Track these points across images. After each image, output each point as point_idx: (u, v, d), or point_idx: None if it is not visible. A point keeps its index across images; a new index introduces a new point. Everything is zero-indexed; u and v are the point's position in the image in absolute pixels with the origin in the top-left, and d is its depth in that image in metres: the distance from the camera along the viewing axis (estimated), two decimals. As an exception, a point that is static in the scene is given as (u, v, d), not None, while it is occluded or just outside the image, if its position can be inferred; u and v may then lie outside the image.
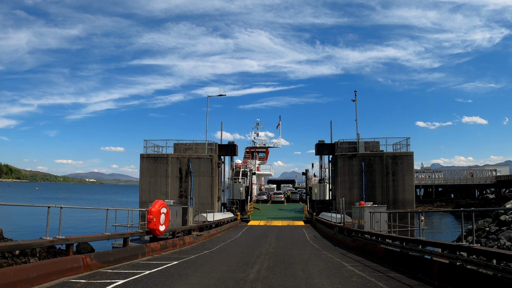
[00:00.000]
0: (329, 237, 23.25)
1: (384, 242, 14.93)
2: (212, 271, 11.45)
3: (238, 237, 23.27)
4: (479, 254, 9.28)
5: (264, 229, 29.74)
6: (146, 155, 38.70)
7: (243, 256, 14.82)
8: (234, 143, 39.45)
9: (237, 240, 21.79)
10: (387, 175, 37.28)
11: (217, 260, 13.80)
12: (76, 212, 52.67)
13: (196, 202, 37.65)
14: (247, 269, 11.66)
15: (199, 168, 37.87)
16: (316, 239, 22.45)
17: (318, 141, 39.45)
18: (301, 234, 25.56)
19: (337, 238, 20.91)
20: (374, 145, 39.52)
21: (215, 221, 25.53)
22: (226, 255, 15.49)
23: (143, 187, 38.76)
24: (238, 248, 17.50)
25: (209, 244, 19.53)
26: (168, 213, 16.32)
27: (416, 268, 11.11)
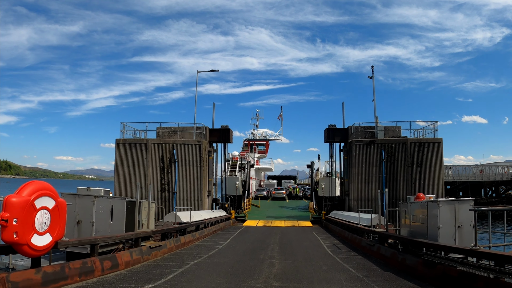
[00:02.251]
0: (359, 247, 14.07)
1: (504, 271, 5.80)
2: None
3: (223, 249, 14.04)
4: None
5: (262, 232, 20.53)
6: (122, 141, 29.58)
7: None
8: (227, 127, 30.15)
9: (219, 255, 12.54)
10: (411, 165, 28.05)
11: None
12: None
13: (181, 198, 28.52)
14: None
15: (185, 156, 28.70)
16: (341, 253, 13.27)
17: (328, 125, 30.31)
18: (315, 242, 16.37)
19: (381, 254, 11.65)
20: (394, 131, 30.29)
21: (193, 223, 16.26)
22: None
23: (118, 178, 29.58)
24: (209, 280, 8.23)
25: (161, 267, 10.24)
26: (58, 211, 7.04)
27: None
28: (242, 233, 20.75)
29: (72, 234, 10.05)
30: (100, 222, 10.39)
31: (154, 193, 28.90)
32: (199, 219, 18.79)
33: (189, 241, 15.31)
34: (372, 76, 30.88)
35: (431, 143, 28.85)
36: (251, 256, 12.40)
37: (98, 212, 10.26)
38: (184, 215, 17.19)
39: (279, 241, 17.00)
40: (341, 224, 20.66)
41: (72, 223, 10.08)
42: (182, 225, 15.74)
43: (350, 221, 19.24)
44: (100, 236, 9.61)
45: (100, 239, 9.40)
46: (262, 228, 24.40)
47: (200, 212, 21.16)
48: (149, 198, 13.07)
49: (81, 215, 10.17)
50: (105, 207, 10.68)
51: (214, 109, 31.79)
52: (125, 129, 30.70)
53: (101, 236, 9.62)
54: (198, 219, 18.60)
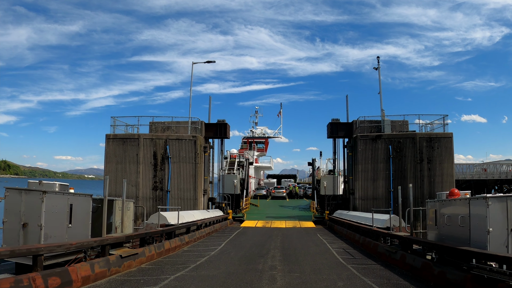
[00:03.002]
0: (375, 254, 11.63)
1: None
2: None
3: (215, 256, 11.52)
4: None
5: (262, 234, 18.06)
6: (112, 136, 27.09)
7: None
8: (224, 121, 27.66)
9: (208, 264, 10.06)
10: (421, 162, 25.59)
11: None
12: None
13: (175, 196, 26.03)
14: None
15: (179, 152, 26.22)
16: (355, 261, 10.82)
17: (332, 119, 27.83)
18: (322, 247, 13.90)
19: (408, 264, 9.27)
20: (401, 125, 27.77)
21: (182, 225, 13.73)
22: None
23: (108, 176, 26.71)
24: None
25: (131, 283, 7.76)
26: None
27: None
28: (239, 235, 18.26)
29: (16, 240, 7.57)
30: (53, 225, 7.94)
31: (146, 192, 26.48)
32: (190, 220, 16.29)
33: (176, 247, 12.82)
34: (378, 67, 28.43)
35: (441, 138, 26.42)
36: (247, 267, 9.93)
37: (49, 213, 7.80)
38: (171, 215, 14.70)
39: (281, 245, 14.52)
40: (348, 225, 18.18)
41: (17, 226, 7.60)
42: (168, 227, 13.25)
43: (360, 222, 16.76)
44: (45, 244, 7.12)
45: (45, 248, 6.91)
46: (262, 229, 21.92)
47: (193, 212, 18.68)
48: (123, 195, 10.55)
49: (27, 216, 7.71)
50: (61, 206, 8.21)
51: (211, 103, 29.32)
52: (116, 123, 28.21)
53: (46, 244, 7.14)
54: (189, 220, 16.11)
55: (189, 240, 14.47)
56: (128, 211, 11.28)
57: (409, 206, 14.12)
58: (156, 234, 11.92)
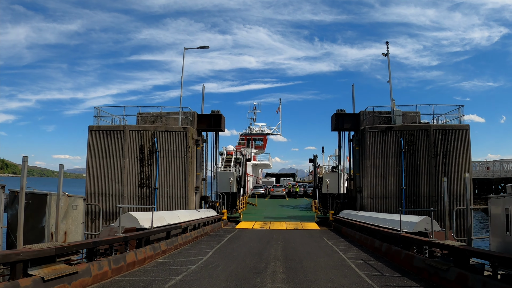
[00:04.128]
0: (410, 268, 8.28)
1: None
2: None
3: (194, 273, 8.24)
4: None
5: (259, 238, 14.69)
6: (96, 128, 23.63)
7: None
8: (219, 112, 24.28)
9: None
10: (435, 156, 22.26)
11: None
12: None
13: (163, 195, 22.65)
14: None
15: (169, 145, 22.83)
16: (387, 281, 7.75)
17: (337, 110, 24.55)
18: (334, 256, 10.64)
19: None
20: (413, 117, 24.42)
21: (158, 229, 10.30)
22: None
23: (91, 172, 23.60)
24: None
25: None
26: None
27: None
28: (233, 240, 14.86)
29: None
30: None
31: (131, 189, 23.10)
32: (172, 223, 12.91)
33: (146, 258, 9.41)
34: (387, 53, 25.11)
35: (457, 130, 23.16)
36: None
37: None
38: (145, 217, 11.27)
39: (282, 254, 11.15)
40: (361, 227, 14.84)
41: None
42: (135, 233, 9.82)
43: (378, 224, 13.36)
44: None
45: None
46: (259, 231, 18.54)
47: (178, 212, 15.29)
48: (59, 189, 7.08)
49: None
50: None
51: (204, 92, 25.94)
52: (101, 114, 24.83)
53: None
54: (170, 223, 12.73)
55: (167, 248, 11.05)
56: (74, 211, 7.89)
57: (443, 205, 10.85)
58: (115, 242, 8.52)
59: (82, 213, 8.44)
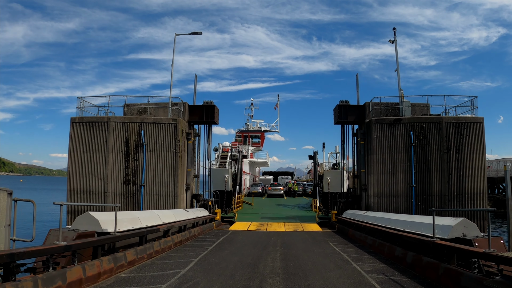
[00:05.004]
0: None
1: None
2: None
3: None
4: None
5: (255, 242, 12.14)
6: (78, 119, 21.06)
7: None
8: (212, 102, 21.76)
9: None
10: (447, 151, 19.80)
11: None
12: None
13: (150, 192, 20.13)
14: None
15: (157, 138, 20.28)
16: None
17: (340, 101, 22.09)
18: (347, 268, 8.31)
19: None
20: (422, 109, 21.99)
21: (124, 234, 7.71)
22: None
23: (73, 167, 21.02)
24: None
25: None
26: None
27: None
28: (224, 245, 12.33)
29: None
30: None
31: (115, 186, 20.60)
32: (149, 225, 10.35)
33: (101, 273, 6.89)
34: (394, 40, 22.68)
35: (471, 123, 20.77)
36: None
37: None
38: (111, 218, 8.70)
39: (282, 265, 8.66)
40: (371, 230, 12.39)
41: None
42: (85, 240, 7.28)
43: (396, 227, 10.86)
44: None
45: None
46: (255, 234, 16.04)
47: (160, 212, 12.75)
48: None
49: None
50: None
51: (196, 82, 23.42)
52: (84, 105, 22.33)
53: None
54: (146, 225, 10.17)
55: (137, 257, 8.53)
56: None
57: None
58: (52, 253, 6.00)
59: (6, 212, 5.93)
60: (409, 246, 9.32)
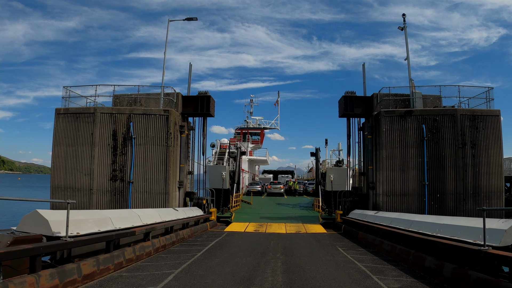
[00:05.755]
0: None
1: None
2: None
3: None
4: None
5: (251, 247, 10.06)
6: (63, 110, 19.07)
7: None
8: (207, 93, 19.73)
9: None
10: (463, 146, 17.79)
11: None
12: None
13: (139, 190, 18.11)
14: None
15: (147, 131, 18.23)
16: None
17: (346, 92, 20.08)
18: (367, 286, 5.53)
19: None
20: (433, 101, 19.97)
21: (78, 239, 5.60)
22: None
23: (57, 162, 19.01)
24: None
25: None
26: None
27: None
28: (215, 250, 10.27)
29: None
30: None
31: (102, 183, 18.62)
32: (123, 227, 8.29)
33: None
34: (404, 27, 20.62)
35: (487, 116, 18.82)
36: None
37: None
38: (70, 218, 6.64)
39: (285, 279, 6.78)
40: (388, 233, 10.35)
41: None
42: (22, 248, 5.22)
43: (419, 231, 8.80)
44: None
45: None
46: (253, 236, 14.00)
47: (141, 211, 10.70)
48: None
49: None
50: None
51: (191, 71, 21.36)
52: (71, 95, 20.35)
53: None
54: (119, 227, 8.11)
55: (95, 270, 6.48)
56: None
57: None
58: None
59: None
60: (442, 255, 7.30)
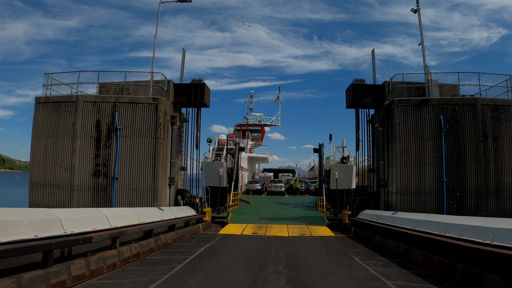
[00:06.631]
0: None
1: None
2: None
3: None
4: None
5: (247, 257, 7.90)
6: (44, 99, 16.94)
7: None
8: (201, 81, 17.50)
9: None
10: (484, 139, 15.51)
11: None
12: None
13: (125, 186, 15.93)
14: None
15: (133, 121, 16.01)
16: None
17: (354, 80, 17.83)
18: None
19: None
20: (449, 90, 17.72)
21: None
22: None
23: (36, 156, 16.78)
24: None
25: None
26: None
27: None
28: (201, 261, 8.03)
29: None
30: None
31: (84, 178, 16.44)
32: (76, 231, 6.03)
33: None
34: (417, 9, 18.38)
35: (510, 106, 16.59)
36: None
37: None
38: None
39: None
40: (417, 238, 8.06)
41: None
42: None
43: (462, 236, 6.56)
44: None
45: None
46: (250, 240, 11.76)
47: (108, 211, 8.48)
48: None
49: None
50: None
51: (184, 57, 19.13)
52: (53, 83, 18.23)
53: None
54: (72, 231, 5.86)
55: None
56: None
57: None
58: None
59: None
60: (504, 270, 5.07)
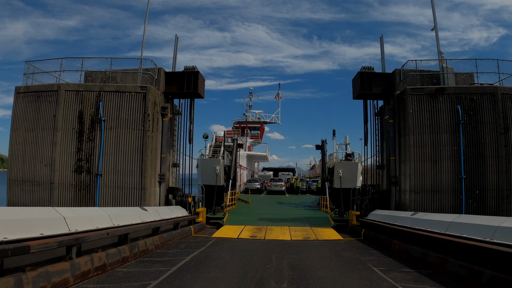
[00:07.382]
0: None
1: None
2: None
3: None
4: None
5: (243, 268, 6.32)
6: (24, 89, 15.10)
7: None
8: (195, 68, 15.70)
9: None
10: (505, 132, 13.61)
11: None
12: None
13: (110, 184, 14.06)
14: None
15: (119, 112, 14.22)
16: None
17: (362, 67, 16.15)
18: None
19: None
20: (465, 79, 15.92)
21: None
22: None
23: (15, 150, 14.83)
24: None
25: None
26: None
27: None
28: (184, 275, 6.39)
29: None
30: None
31: (65, 175, 14.69)
32: (13, 238, 4.26)
33: None
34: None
35: (530, 96, 14.73)
36: None
37: None
38: None
39: None
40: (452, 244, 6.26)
41: None
42: None
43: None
44: None
45: None
46: (248, 245, 10.00)
47: (72, 212, 6.73)
48: None
49: None
50: None
51: (177, 44, 17.37)
52: (35, 71, 16.48)
53: None
54: (2, 238, 4.08)
55: None
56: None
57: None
58: None
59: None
60: None
